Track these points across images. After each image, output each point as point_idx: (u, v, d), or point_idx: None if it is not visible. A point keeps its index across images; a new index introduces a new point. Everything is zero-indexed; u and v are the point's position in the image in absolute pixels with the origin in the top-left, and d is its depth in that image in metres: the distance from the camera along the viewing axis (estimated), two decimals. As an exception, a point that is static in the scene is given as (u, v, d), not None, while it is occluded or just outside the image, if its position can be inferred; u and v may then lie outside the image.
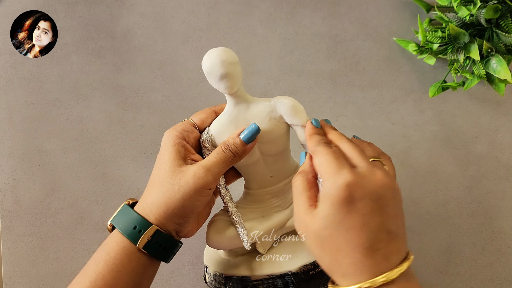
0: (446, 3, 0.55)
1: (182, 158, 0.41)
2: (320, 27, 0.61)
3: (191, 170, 0.39)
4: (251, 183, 0.46)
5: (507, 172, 0.58)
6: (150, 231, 0.39)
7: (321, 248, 0.35)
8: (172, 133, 0.41)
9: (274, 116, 0.42)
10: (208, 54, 0.39)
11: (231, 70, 0.39)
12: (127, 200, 0.43)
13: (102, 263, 0.39)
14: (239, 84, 0.40)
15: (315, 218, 0.35)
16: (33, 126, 0.61)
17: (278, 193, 0.46)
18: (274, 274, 0.45)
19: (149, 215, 0.40)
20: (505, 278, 0.57)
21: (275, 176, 0.45)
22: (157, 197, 0.40)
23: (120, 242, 0.39)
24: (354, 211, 0.34)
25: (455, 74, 0.56)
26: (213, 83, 0.40)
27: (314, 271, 0.45)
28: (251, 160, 0.44)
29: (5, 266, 0.59)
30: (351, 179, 0.34)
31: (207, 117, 0.43)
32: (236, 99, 0.41)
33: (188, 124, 0.43)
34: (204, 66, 0.40)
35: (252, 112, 0.42)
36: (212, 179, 0.40)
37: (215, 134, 0.42)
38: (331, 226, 0.34)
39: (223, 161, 0.41)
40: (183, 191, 0.39)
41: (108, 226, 0.42)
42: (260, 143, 0.43)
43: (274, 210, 0.46)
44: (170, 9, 0.62)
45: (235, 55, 0.39)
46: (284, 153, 0.45)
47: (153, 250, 0.40)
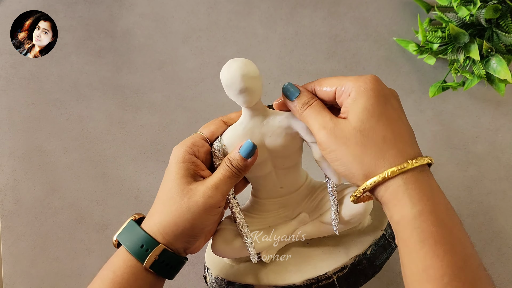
0: (446, 3, 0.55)
1: (191, 175, 0.40)
2: (320, 27, 0.61)
3: (200, 190, 0.39)
4: (260, 192, 0.45)
5: (507, 172, 0.58)
6: (158, 250, 0.39)
7: (363, 145, 0.35)
8: (181, 149, 0.40)
9: (290, 132, 0.41)
10: (228, 65, 0.37)
11: (252, 84, 0.37)
12: (133, 216, 0.42)
13: (108, 281, 0.39)
14: (258, 98, 0.39)
15: (351, 117, 0.35)
16: (33, 126, 0.61)
17: (286, 204, 0.45)
18: (278, 285, 0.45)
19: (157, 234, 0.39)
20: (505, 278, 0.57)
21: (285, 187, 0.45)
22: (165, 216, 0.39)
23: (127, 261, 0.39)
24: (389, 104, 0.36)
25: (455, 74, 0.56)
26: (231, 95, 0.38)
27: (317, 285, 0.45)
28: (262, 172, 0.43)
29: (5, 266, 0.59)
30: (375, 76, 0.36)
31: (217, 128, 0.42)
32: (253, 112, 0.40)
33: (198, 138, 0.41)
34: (223, 78, 0.37)
35: (268, 126, 0.40)
36: (221, 197, 0.39)
37: (227, 144, 0.41)
38: (374, 117, 0.35)
39: (229, 177, 0.40)
40: (192, 211, 0.39)
41: (113, 242, 0.41)
42: (274, 157, 0.42)
43: (281, 220, 0.46)
44: (170, 9, 0.62)
45: (256, 69, 0.37)
46: (296, 167, 0.44)
47: (160, 269, 0.39)
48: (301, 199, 0.46)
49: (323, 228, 0.46)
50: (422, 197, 0.33)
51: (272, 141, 0.41)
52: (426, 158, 0.35)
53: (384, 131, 0.35)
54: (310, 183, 0.46)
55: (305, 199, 0.46)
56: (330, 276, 0.45)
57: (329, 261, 0.45)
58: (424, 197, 0.33)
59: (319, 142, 0.37)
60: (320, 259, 0.46)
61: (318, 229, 0.46)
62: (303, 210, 0.46)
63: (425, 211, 0.33)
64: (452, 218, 0.34)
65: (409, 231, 0.33)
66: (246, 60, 0.38)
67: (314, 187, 0.46)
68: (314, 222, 0.46)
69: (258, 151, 0.40)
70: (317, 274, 0.45)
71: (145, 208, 0.59)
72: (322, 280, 0.44)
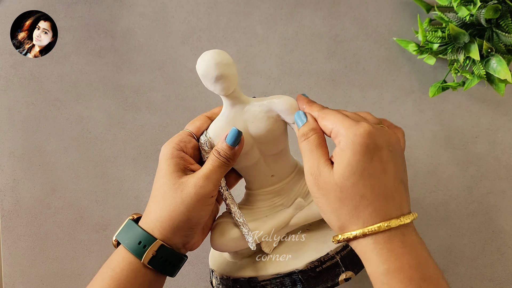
0: (446, 3, 0.55)
1: (181, 170, 0.41)
2: (320, 27, 0.61)
3: (191, 181, 0.40)
4: (253, 183, 0.46)
5: (507, 172, 0.58)
6: (155, 246, 0.39)
7: (341, 200, 0.36)
8: (169, 146, 0.41)
9: (272, 115, 0.42)
10: (202, 57, 0.39)
11: (226, 71, 0.39)
12: (131, 215, 0.43)
13: (108, 279, 0.39)
14: (235, 85, 0.40)
15: (335, 170, 0.36)
16: (33, 126, 0.61)
17: (280, 192, 0.46)
18: (281, 273, 0.45)
19: (154, 230, 0.40)
20: (505, 278, 0.57)
21: (276, 175, 0.45)
22: (161, 212, 0.40)
23: (125, 258, 0.39)
24: (376, 157, 0.35)
25: (455, 74, 0.56)
26: (209, 85, 0.40)
27: (321, 267, 0.45)
28: (251, 161, 0.43)
29: (5, 266, 0.59)
30: (371, 127, 0.36)
31: (202, 124, 0.43)
32: (232, 101, 0.41)
33: (185, 135, 0.42)
34: (199, 69, 0.40)
35: (249, 112, 0.42)
36: (213, 187, 0.40)
37: (213, 136, 0.43)
38: (355, 174, 0.35)
39: (219, 167, 0.41)
40: (186, 203, 0.39)
41: (113, 242, 0.42)
42: (259, 143, 0.43)
43: (277, 209, 0.46)
44: (170, 9, 0.62)
45: (229, 56, 0.39)
46: (284, 152, 0.45)
47: (159, 265, 0.40)
48: (294, 185, 0.46)
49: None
50: (390, 257, 0.35)
51: (255, 127, 0.42)
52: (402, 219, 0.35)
53: (363, 189, 0.35)
54: (301, 169, 0.47)
55: (298, 184, 0.46)
56: (333, 256, 0.44)
57: (329, 242, 0.45)
58: (392, 257, 0.34)
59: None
60: (321, 241, 0.46)
61: (316, 211, 0.46)
62: (298, 196, 0.46)
63: (391, 270, 0.34)
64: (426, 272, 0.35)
65: (379, 285, 0.35)
66: (218, 50, 0.39)
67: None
68: (311, 205, 0.46)
69: (244, 138, 0.41)
70: (319, 255, 0.44)
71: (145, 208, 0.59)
72: (325, 261, 0.44)
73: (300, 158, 0.47)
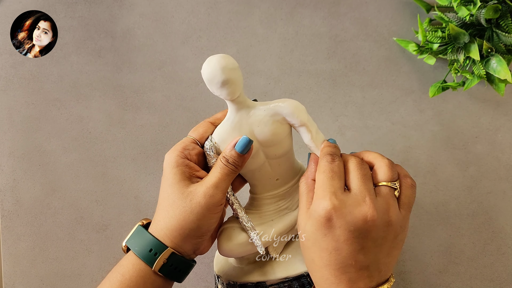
0: (446, 3, 0.55)
1: (188, 178, 0.41)
2: (320, 27, 0.61)
3: (200, 190, 0.40)
4: (257, 188, 0.46)
5: (507, 172, 0.58)
6: (166, 253, 0.39)
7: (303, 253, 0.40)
8: (173, 154, 0.41)
9: (277, 119, 0.41)
10: (207, 62, 0.39)
11: (232, 76, 0.39)
12: (141, 221, 0.43)
13: (117, 284, 0.39)
14: (240, 89, 0.40)
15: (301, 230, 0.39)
16: (33, 126, 0.61)
17: (284, 196, 0.46)
18: (289, 276, 0.44)
19: (165, 238, 0.40)
20: (505, 278, 0.57)
21: (281, 179, 0.45)
22: (170, 221, 0.40)
23: (136, 265, 0.40)
24: (330, 235, 0.37)
25: (455, 74, 0.56)
26: (214, 90, 0.40)
27: None
28: (256, 164, 0.43)
29: (5, 266, 0.59)
30: (332, 206, 0.36)
31: (205, 130, 0.43)
32: (237, 105, 0.41)
33: (188, 142, 0.42)
34: (204, 74, 0.39)
35: (254, 116, 0.41)
36: (222, 195, 0.40)
37: (219, 141, 0.42)
38: (309, 241, 0.38)
39: (227, 175, 0.41)
40: (196, 212, 0.39)
41: (123, 247, 0.42)
42: (265, 146, 0.42)
43: (282, 213, 0.46)
44: (170, 9, 0.62)
45: (234, 61, 0.39)
46: (288, 155, 0.44)
47: (168, 272, 0.40)
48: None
49: None
50: None
51: (261, 131, 0.42)
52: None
53: (313, 255, 0.38)
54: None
55: None
56: None
57: None
58: None
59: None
60: None
61: None
62: None
63: None
64: None
65: None
66: (224, 54, 0.39)
67: None
68: None
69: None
70: None
71: (145, 208, 0.59)
72: None
73: (304, 162, 0.47)
